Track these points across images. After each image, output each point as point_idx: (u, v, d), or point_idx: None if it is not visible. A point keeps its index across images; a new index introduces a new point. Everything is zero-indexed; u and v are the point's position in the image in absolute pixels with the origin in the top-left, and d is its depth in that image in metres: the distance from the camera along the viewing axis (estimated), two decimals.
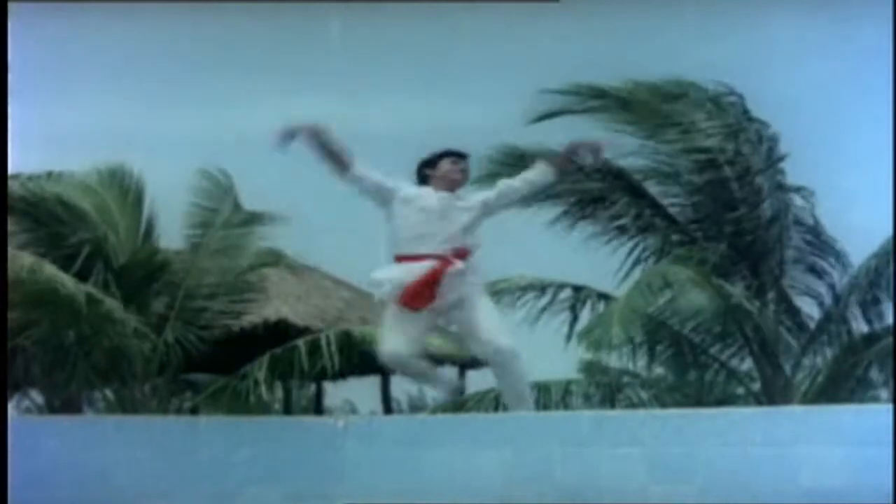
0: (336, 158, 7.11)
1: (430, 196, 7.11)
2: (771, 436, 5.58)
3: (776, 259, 12.99)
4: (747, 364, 12.92)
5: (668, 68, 13.28)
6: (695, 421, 5.91)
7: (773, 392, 12.42)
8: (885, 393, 12.88)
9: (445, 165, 7.21)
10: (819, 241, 13.15)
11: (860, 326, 12.99)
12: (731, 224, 13.05)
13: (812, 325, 13.01)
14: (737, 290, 12.54)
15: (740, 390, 13.05)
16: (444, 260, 7.03)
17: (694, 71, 13.36)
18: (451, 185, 7.19)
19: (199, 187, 13.91)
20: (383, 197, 7.14)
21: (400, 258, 7.12)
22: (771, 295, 12.92)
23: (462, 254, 7.09)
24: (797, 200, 13.09)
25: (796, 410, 6.73)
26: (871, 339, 12.97)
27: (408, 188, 7.18)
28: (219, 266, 13.96)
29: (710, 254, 12.94)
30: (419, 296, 7.04)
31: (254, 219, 14.08)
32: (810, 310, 13.07)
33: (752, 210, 13.01)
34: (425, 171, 7.24)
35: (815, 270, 13.15)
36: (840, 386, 12.80)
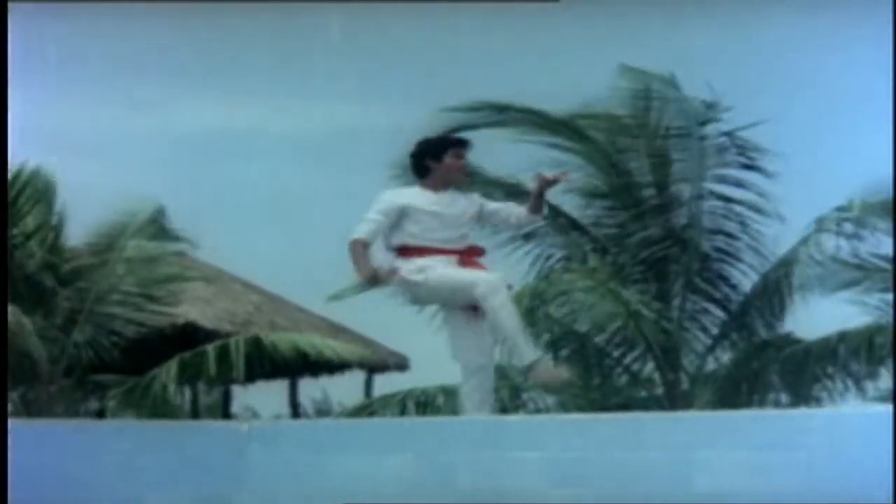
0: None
1: (426, 200, 6.89)
2: (668, 440, 5.67)
3: (684, 266, 13.17)
4: (650, 369, 13.09)
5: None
6: (594, 425, 5.98)
7: (675, 397, 12.60)
8: (785, 398, 13.10)
9: (449, 159, 6.94)
10: (731, 249, 13.35)
11: (763, 333, 13.23)
12: (641, 231, 13.23)
13: (715, 331, 13.21)
14: (635, 296, 12.68)
15: (643, 394, 13.21)
16: (465, 256, 6.91)
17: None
18: (455, 181, 6.99)
19: (116, 193, 13.93)
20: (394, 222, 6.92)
21: (413, 250, 6.84)
22: (676, 301, 13.11)
23: (478, 252, 7.03)
24: (719, 208, 13.30)
25: (694, 415, 6.87)
26: (772, 345, 13.21)
27: (408, 199, 6.91)
28: (129, 270, 13.90)
29: (615, 260, 13.13)
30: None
31: (161, 233, 14.07)
32: (714, 316, 13.28)
33: (664, 217, 13.19)
34: (427, 162, 6.95)
35: (722, 277, 13.36)
36: (741, 391, 13.01)
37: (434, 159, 6.92)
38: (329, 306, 17.03)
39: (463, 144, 7.05)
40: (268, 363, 14.62)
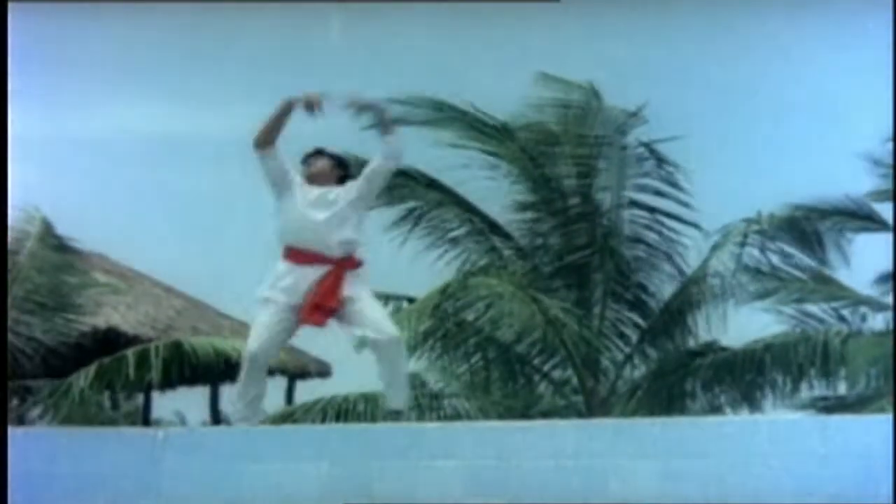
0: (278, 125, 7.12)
1: (310, 191, 7.10)
2: (584, 448, 5.72)
3: (605, 274, 13.26)
4: (571, 376, 13.16)
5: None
6: (510, 433, 6.02)
7: (594, 404, 12.68)
8: (701, 405, 13.22)
9: (313, 161, 7.22)
10: (651, 258, 13.46)
11: (682, 341, 13.36)
12: (563, 238, 13.30)
13: (634, 339, 13.32)
14: (556, 303, 12.74)
15: (563, 402, 13.27)
16: (339, 266, 6.99)
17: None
18: (321, 181, 7.15)
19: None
20: (285, 183, 7.12)
21: (292, 251, 7.02)
22: (596, 309, 13.19)
23: (353, 263, 7.07)
24: (639, 217, 13.41)
25: (608, 423, 6.91)
26: (692, 353, 13.34)
27: (299, 179, 7.18)
28: (46, 276, 13.77)
29: (537, 266, 13.20)
30: (321, 311, 6.99)
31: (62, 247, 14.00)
32: (634, 324, 13.38)
33: (587, 226, 13.28)
34: (303, 169, 7.23)
35: (641, 286, 13.46)
36: (660, 399, 13.12)
37: (305, 165, 7.24)
38: (252, 311, 16.95)
39: (320, 153, 7.28)
40: (188, 368, 14.50)
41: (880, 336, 12.99)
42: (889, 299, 13.43)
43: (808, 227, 13.59)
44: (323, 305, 6.93)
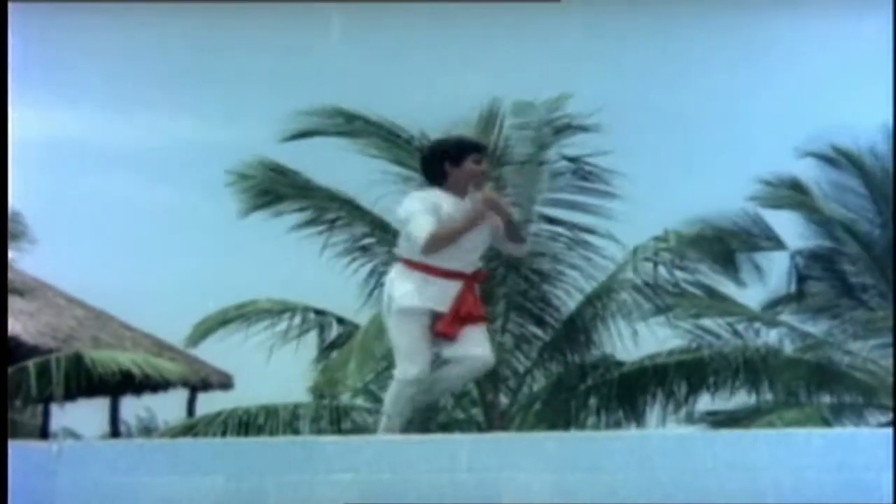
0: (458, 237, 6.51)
1: (452, 205, 6.47)
2: (479, 462, 5.77)
3: (509, 287, 13.36)
4: (471, 389, 13.24)
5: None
6: (407, 446, 6.05)
7: (493, 417, 12.77)
8: (598, 418, 13.36)
9: (470, 165, 6.51)
10: (555, 272, 13.58)
11: (584, 356, 13.50)
12: None
13: (536, 353, 13.43)
14: None
15: (463, 415, 13.36)
16: (473, 279, 6.62)
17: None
18: (473, 186, 6.53)
19: None
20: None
21: (420, 266, 6.47)
22: (499, 322, 13.29)
23: (482, 276, 6.75)
24: (546, 231, 13.53)
25: (504, 437, 6.97)
26: (593, 366, 13.48)
27: (438, 199, 6.47)
28: None
29: None
30: (461, 322, 6.52)
31: None
32: (536, 337, 13.50)
33: None
34: (446, 168, 6.51)
35: (545, 300, 13.58)
36: (561, 412, 13.24)
37: (453, 163, 6.50)
38: (154, 323, 16.86)
39: (482, 149, 6.68)
40: (88, 381, 14.39)
41: (773, 352, 13.26)
42: (783, 317, 13.73)
43: (710, 243, 13.82)
44: (471, 315, 6.55)
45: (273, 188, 13.16)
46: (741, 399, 13.32)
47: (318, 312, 13.54)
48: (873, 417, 13.14)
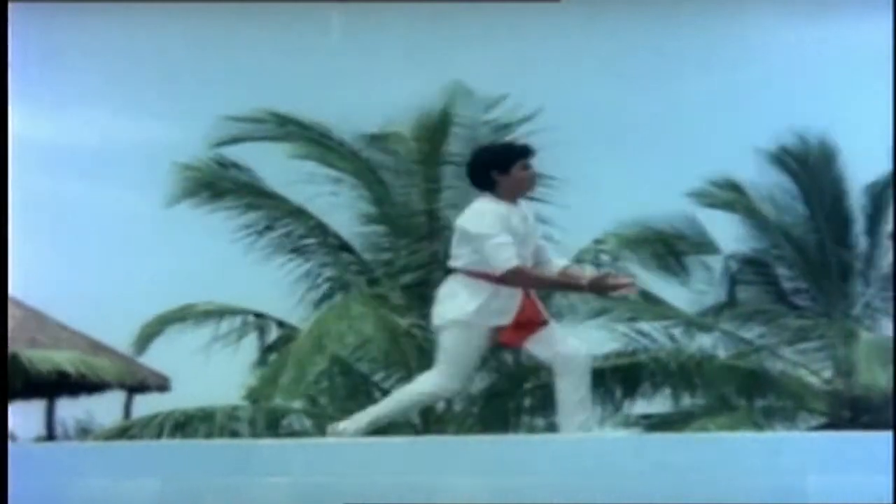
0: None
1: (510, 214, 6.33)
2: (414, 465, 5.81)
3: None
4: None
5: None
6: (343, 449, 6.08)
7: (430, 421, 12.80)
8: (535, 422, 13.42)
9: (518, 172, 6.35)
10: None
11: (518, 359, 13.54)
12: (408, 255, 13.42)
13: None
14: (400, 320, 12.84)
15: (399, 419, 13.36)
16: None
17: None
18: (520, 195, 6.42)
19: None
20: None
21: (483, 276, 6.25)
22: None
23: None
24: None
25: (440, 440, 6.98)
26: (529, 370, 13.52)
27: (505, 211, 6.32)
28: None
29: (380, 281, 13.30)
30: (525, 330, 6.37)
31: None
32: None
33: (432, 243, 13.42)
34: (493, 176, 6.37)
35: None
36: (498, 415, 13.29)
37: (501, 171, 6.35)
38: (93, 324, 16.75)
39: (529, 154, 6.48)
40: (25, 381, 14.29)
41: (707, 357, 13.38)
42: (717, 321, 13.85)
43: (649, 246, 13.90)
44: (532, 322, 6.35)
45: (215, 182, 13.14)
46: (675, 403, 13.43)
47: (258, 315, 13.54)
48: (804, 421, 13.32)
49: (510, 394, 13.41)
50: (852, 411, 12.93)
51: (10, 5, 7.57)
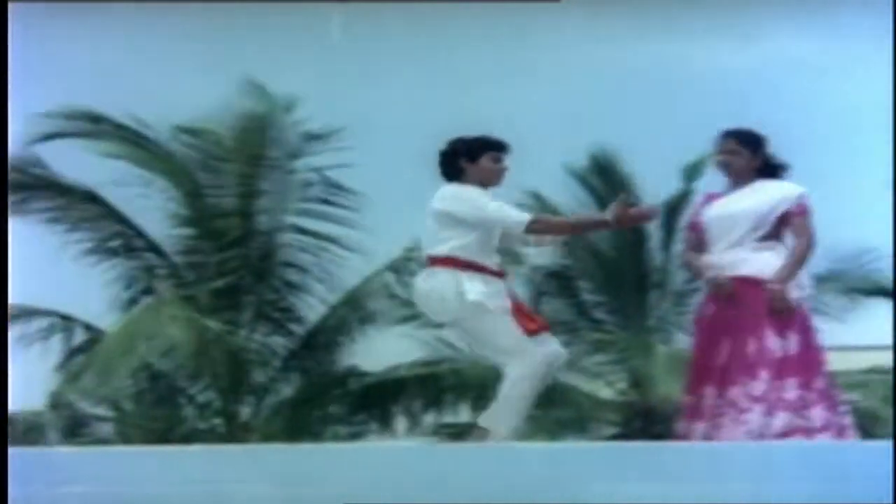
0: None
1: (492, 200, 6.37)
2: (211, 474, 5.83)
3: (256, 296, 13.40)
4: (215, 399, 13.23)
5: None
6: (143, 458, 6.06)
7: (235, 428, 12.79)
8: (342, 430, 13.49)
9: (487, 163, 6.39)
10: (303, 282, 13.67)
11: (329, 366, 13.62)
12: (219, 258, 13.38)
13: (280, 363, 13.50)
14: (209, 324, 12.81)
15: (204, 426, 13.33)
16: (500, 276, 6.40)
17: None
18: (485, 186, 6.40)
19: None
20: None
21: (472, 265, 6.25)
22: (244, 332, 13.32)
23: (501, 273, 6.47)
24: (296, 240, 13.58)
25: (238, 449, 6.98)
26: (335, 378, 13.61)
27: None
28: None
29: (189, 284, 13.25)
30: (537, 318, 6.41)
31: None
32: (282, 347, 13.56)
33: (243, 247, 13.38)
34: (462, 164, 6.40)
35: (291, 310, 13.65)
36: (305, 423, 13.33)
37: (469, 159, 6.39)
38: None
39: (502, 148, 6.49)
40: None
41: None
42: None
43: None
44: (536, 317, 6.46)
45: (20, 181, 12.95)
46: (475, 413, 13.60)
47: (65, 318, 13.33)
48: (597, 431, 13.65)
49: (317, 401, 13.47)
50: (644, 422, 13.33)
51: (9, 5, 7.51)
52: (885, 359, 14.25)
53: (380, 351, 13.61)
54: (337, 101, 14.03)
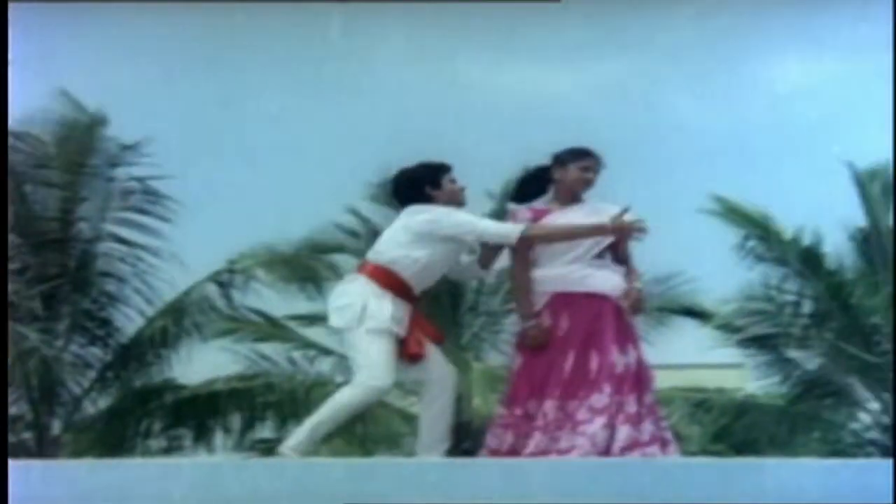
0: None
1: None
2: (20, 490, 5.75)
3: (73, 306, 13.19)
4: (27, 412, 13.00)
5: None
6: None
7: (46, 442, 12.57)
8: (158, 443, 13.36)
9: (448, 185, 6.52)
10: (120, 292, 13.50)
11: (145, 378, 13.48)
12: (38, 265, 13.15)
13: (96, 375, 13.32)
14: (32, 335, 12.61)
15: (14, 439, 13.07)
16: (416, 302, 6.48)
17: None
18: (459, 206, 6.52)
19: None
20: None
21: (398, 281, 6.40)
22: (60, 342, 13.11)
23: (415, 298, 6.54)
24: (115, 250, 13.41)
25: (38, 465, 6.84)
26: (153, 390, 13.47)
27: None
28: None
29: (17, 297, 13.02)
30: (423, 344, 6.48)
31: None
32: (97, 359, 13.38)
33: (62, 255, 13.18)
34: (427, 191, 6.48)
35: (108, 321, 13.47)
36: (120, 436, 13.16)
37: (433, 186, 6.48)
38: None
39: (450, 170, 6.59)
40: None
41: (320, 381, 13.63)
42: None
43: (284, 268, 13.98)
44: (431, 335, 6.51)
45: None
46: (286, 428, 13.61)
47: None
48: (408, 447, 13.74)
49: (132, 415, 13.30)
50: (456, 437, 13.42)
51: (9, 5, 7.32)
52: (686, 378, 14.78)
53: (197, 364, 13.52)
54: (151, 112, 13.93)
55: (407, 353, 6.40)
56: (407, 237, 6.44)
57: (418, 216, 6.45)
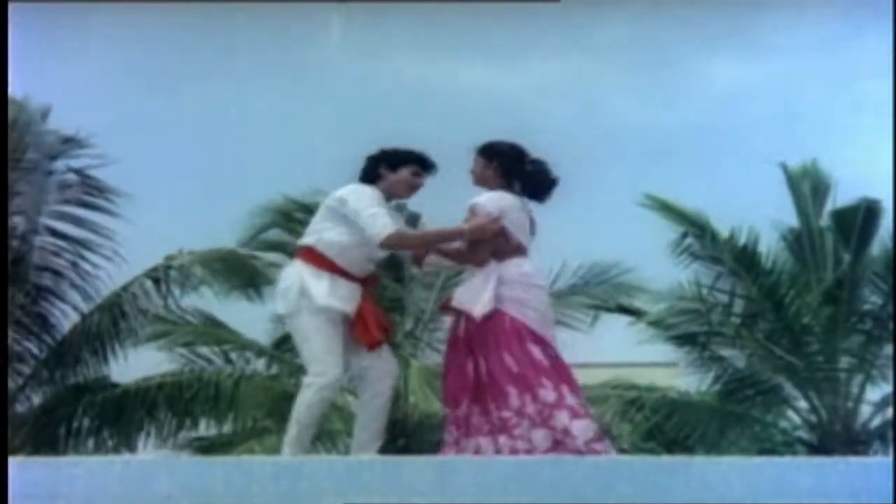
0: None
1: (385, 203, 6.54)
2: None
3: (12, 301, 13.06)
4: None
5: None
6: None
7: None
8: (90, 442, 13.26)
9: (405, 174, 6.55)
10: (56, 288, 13.37)
11: (78, 376, 13.37)
12: None
13: (29, 371, 13.22)
14: None
15: None
16: (367, 286, 6.51)
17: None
18: (396, 196, 6.57)
19: None
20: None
21: (326, 264, 6.39)
22: None
23: (375, 281, 6.64)
24: (51, 244, 13.29)
25: None
26: (87, 388, 13.37)
27: (379, 196, 6.50)
28: None
29: None
30: (380, 331, 6.50)
31: None
32: (32, 356, 13.28)
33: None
34: (381, 170, 6.53)
35: (43, 316, 13.35)
36: (53, 435, 13.07)
37: (389, 167, 6.54)
38: None
39: (427, 167, 6.61)
40: None
41: (246, 378, 13.59)
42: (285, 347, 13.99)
43: (221, 265, 13.91)
44: (382, 324, 6.51)
45: None
46: (220, 425, 13.58)
47: None
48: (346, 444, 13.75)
49: (64, 413, 13.19)
50: (391, 435, 13.44)
51: (9, 5, 7.26)
52: (618, 375, 14.90)
53: (132, 362, 13.45)
54: (98, 105, 13.84)
55: (365, 340, 6.43)
56: (322, 215, 6.53)
57: (335, 193, 6.54)
